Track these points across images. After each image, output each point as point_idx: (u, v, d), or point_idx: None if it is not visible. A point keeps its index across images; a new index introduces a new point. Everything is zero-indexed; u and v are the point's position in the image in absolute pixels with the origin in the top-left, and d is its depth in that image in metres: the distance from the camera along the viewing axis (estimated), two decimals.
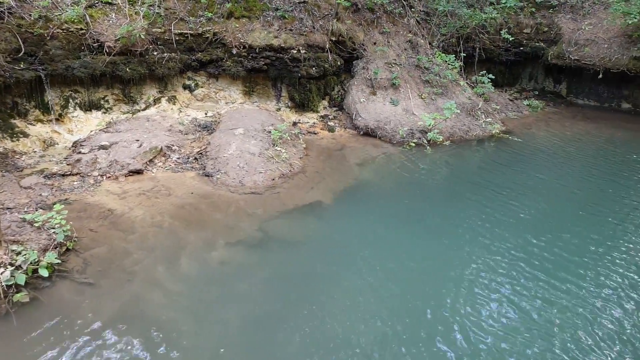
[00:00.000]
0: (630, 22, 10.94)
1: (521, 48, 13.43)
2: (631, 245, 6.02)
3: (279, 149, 8.25)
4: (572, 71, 13.22)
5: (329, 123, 10.61)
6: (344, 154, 9.19)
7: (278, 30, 10.14)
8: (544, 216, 6.79)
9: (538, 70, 14.27)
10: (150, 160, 7.74)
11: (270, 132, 8.61)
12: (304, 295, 4.91)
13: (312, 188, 7.48)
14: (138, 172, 7.38)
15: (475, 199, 7.34)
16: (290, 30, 10.24)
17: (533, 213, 6.85)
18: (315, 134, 10.08)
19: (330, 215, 6.73)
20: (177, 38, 9.40)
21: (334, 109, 11.17)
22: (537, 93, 13.97)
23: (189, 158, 8.10)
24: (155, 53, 9.22)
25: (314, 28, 10.48)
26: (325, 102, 11.19)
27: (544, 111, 12.63)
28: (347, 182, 7.86)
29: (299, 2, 10.57)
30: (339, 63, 10.80)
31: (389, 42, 11.49)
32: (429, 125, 9.65)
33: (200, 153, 8.18)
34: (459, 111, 10.19)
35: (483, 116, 10.75)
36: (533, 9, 13.38)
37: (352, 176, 8.16)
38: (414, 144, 9.51)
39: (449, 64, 11.44)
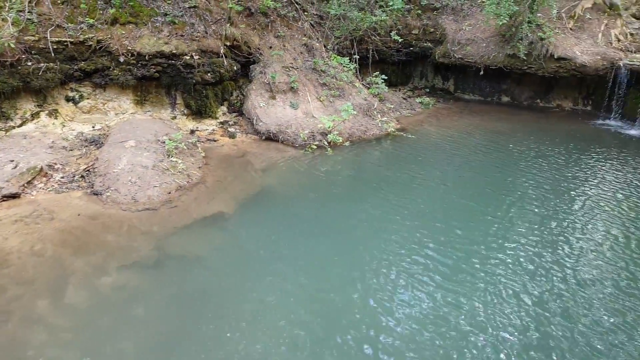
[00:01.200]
0: (501, 23, 11.90)
1: (411, 48, 14.10)
2: (522, 230, 6.54)
3: (175, 159, 7.90)
4: (458, 69, 14.15)
5: (229, 129, 10.38)
6: (247, 160, 9.04)
7: (168, 36, 9.72)
8: (441, 208, 7.15)
9: (428, 68, 15.10)
10: (29, 182, 7.03)
11: (164, 142, 8.22)
12: (207, 314, 4.71)
13: (213, 198, 7.25)
14: (14, 196, 6.67)
15: (377, 196, 7.57)
16: (182, 36, 9.86)
17: (431, 205, 7.20)
18: (215, 141, 9.81)
19: (234, 225, 6.56)
20: (55, 46, 8.64)
21: (234, 114, 10.96)
22: (428, 90, 14.77)
23: (74, 176, 7.48)
24: (29, 63, 8.41)
25: (207, 33, 10.19)
26: (224, 108, 10.93)
27: (435, 107, 13.37)
28: (251, 190, 7.73)
29: (189, 7, 10.22)
30: (235, 68, 10.60)
31: (284, 46, 11.50)
32: (329, 127, 9.79)
33: (88, 170, 7.60)
34: (355, 112, 10.45)
35: (379, 116, 11.13)
36: (419, 11, 14.11)
37: (256, 183, 8.04)
38: (315, 147, 9.60)
39: (344, 66, 11.70)
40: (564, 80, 12.95)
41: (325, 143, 9.69)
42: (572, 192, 7.76)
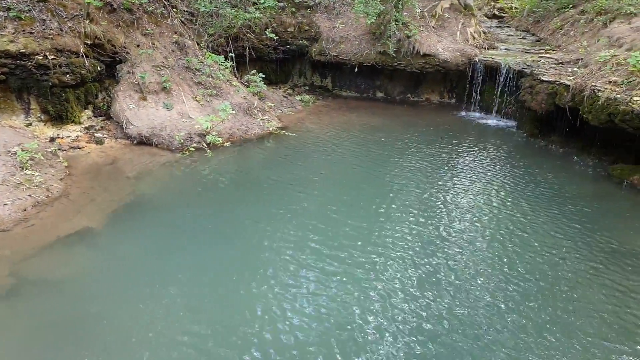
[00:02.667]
0: (369, 22, 12.40)
1: (288, 46, 14.13)
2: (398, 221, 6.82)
3: (30, 172, 7.01)
4: (334, 66, 14.47)
5: (96, 135, 9.51)
6: (117, 167, 8.36)
7: (14, 33, 8.60)
8: (324, 206, 7.21)
9: (306, 66, 15.25)
10: None
11: (16, 153, 7.26)
12: (71, 346, 4.21)
13: (79, 213, 6.57)
14: None
15: (262, 198, 7.43)
16: (31, 33, 8.79)
17: (315, 204, 7.23)
18: (79, 148, 8.92)
19: (104, 242, 6.00)
20: None
21: (101, 118, 10.07)
22: (307, 88, 14.94)
23: None
24: None
25: (62, 30, 9.21)
26: (89, 112, 9.99)
27: (315, 105, 13.56)
28: (123, 200, 7.15)
29: (37, 1, 9.14)
30: (99, 68, 9.73)
31: (154, 44, 10.82)
32: (207, 128, 9.41)
33: None
34: (234, 111, 10.19)
35: (260, 114, 10.98)
36: (293, 9, 14.19)
37: (128, 192, 7.45)
38: (193, 149, 9.17)
39: (220, 65, 11.35)
40: (430, 76, 13.89)
41: (204, 145, 9.31)
42: (444, 177, 8.32)
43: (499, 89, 11.84)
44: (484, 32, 14.81)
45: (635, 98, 7.60)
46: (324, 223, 6.58)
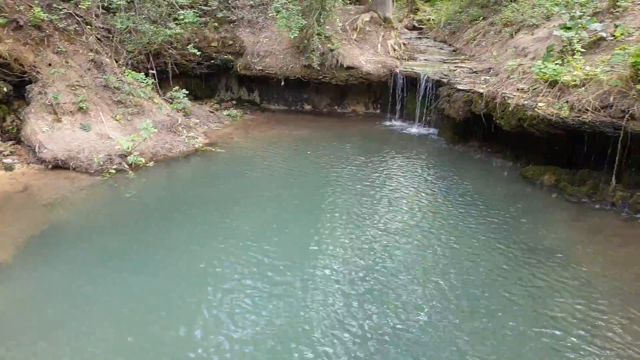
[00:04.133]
0: (292, 36, 12.52)
1: (212, 61, 13.96)
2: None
3: None
4: (261, 80, 14.45)
5: (4, 160, 8.86)
6: (30, 194, 7.84)
7: None
8: (255, 223, 7.13)
9: (232, 81, 15.11)
10: None
11: None
12: None
13: None
14: None
15: (188, 219, 7.21)
16: None
17: (244, 222, 7.13)
18: None
19: (14, 277, 5.57)
20: None
21: (10, 142, 9.41)
22: (235, 102, 14.79)
23: None
24: None
25: None
26: None
27: (243, 119, 13.44)
28: (36, 229, 6.70)
29: None
30: (5, 90, 9.14)
31: (68, 63, 10.29)
32: (128, 148, 9.05)
33: None
34: (156, 130, 9.89)
35: (185, 131, 10.73)
36: (216, 24, 14.05)
37: (42, 220, 7.01)
38: (114, 171, 8.78)
39: (141, 82, 10.98)
40: (355, 87, 14.19)
41: (126, 166, 8.93)
42: (373, 186, 8.50)
43: (420, 98, 12.33)
44: (404, 44, 15.40)
45: (540, 104, 8.17)
46: (257, 241, 6.49)
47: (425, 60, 14.53)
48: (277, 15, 12.59)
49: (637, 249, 6.44)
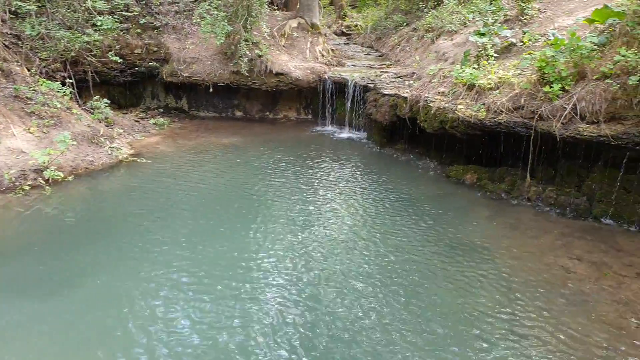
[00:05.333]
0: (219, 42, 12.34)
1: (136, 68, 13.47)
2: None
3: None
4: (189, 87, 14.13)
5: None
6: None
7: None
8: (182, 235, 6.91)
9: (158, 88, 14.65)
10: None
11: None
12: None
13: None
14: None
15: (110, 234, 6.87)
16: None
17: (171, 233, 6.90)
18: None
19: None
20: None
21: None
22: (162, 111, 14.34)
23: None
24: None
25: None
26: None
27: (170, 127, 13.06)
28: None
29: None
30: None
31: None
32: (44, 162, 8.50)
33: None
34: (75, 142, 9.37)
35: (108, 142, 10.24)
36: (139, 30, 13.57)
37: None
38: (29, 187, 8.21)
39: (57, 92, 10.37)
40: (286, 93, 14.23)
41: (42, 181, 8.38)
42: (306, 191, 8.52)
43: (349, 103, 12.56)
44: (332, 50, 15.63)
45: (459, 107, 8.57)
46: (187, 258, 6.29)
47: (353, 65, 14.82)
48: (201, 21, 12.32)
49: (547, 240, 6.89)
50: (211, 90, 13.59)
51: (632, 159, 6.99)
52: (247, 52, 12.84)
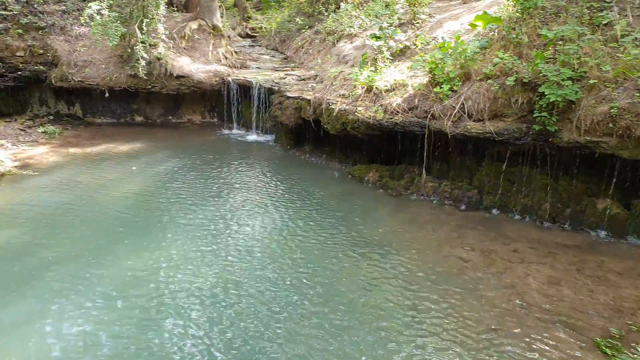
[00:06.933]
0: (111, 44, 11.66)
1: (19, 72, 12.36)
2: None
3: None
4: (82, 92, 13.21)
5: None
6: None
7: None
8: (76, 255, 6.43)
9: (47, 94, 13.52)
10: None
11: None
12: None
13: None
14: None
15: None
16: None
17: (63, 253, 6.38)
18: None
19: None
20: None
21: None
22: (53, 118, 13.24)
23: None
24: None
25: None
26: None
27: (63, 136, 12.12)
28: None
29: None
30: None
31: None
32: None
33: None
34: None
35: None
36: (20, 31, 12.43)
37: None
38: None
39: None
40: (189, 96, 13.80)
41: None
42: (213, 197, 8.29)
43: (255, 106, 12.45)
44: (236, 52, 15.43)
45: (359, 108, 8.83)
46: (78, 282, 5.87)
47: (257, 68, 14.73)
48: (91, 22, 11.56)
49: (444, 232, 7.32)
50: (107, 95, 12.82)
51: (514, 153, 7.64)
52: (145, 55, 12.26)
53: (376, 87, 8.76)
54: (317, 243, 6.90)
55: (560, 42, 7.07)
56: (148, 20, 12.25)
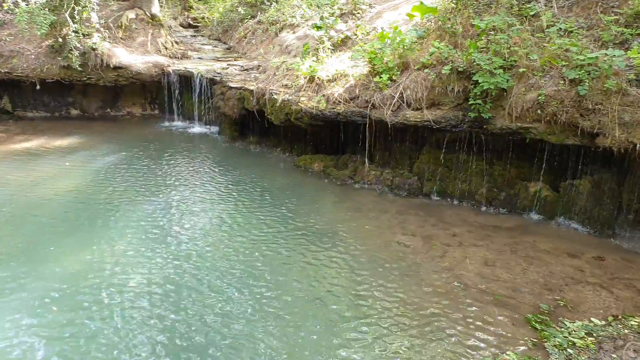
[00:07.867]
0: (40, 34, 11.05)
1: None
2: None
3: None
4: (10, 84, 12.47)
5: None
6: None
7: None
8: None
9: None
10: None
11: None
12: None
13: None
14: None
15: None
16: None
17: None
18: None
19: None
20: None
21: None
22: None
23: None
24: None
25: None
26: None
27: None
28: None
29: None
30: None
31: None
32: None
33: None
34: None
35: None
36: None
37: None
38: None
39: None
40: (128, 88, 13.33)
41: None
42: (158, 191, 8.06)
43: (196, 97, 12.19)
44: (177, 42, 15.01)
45: (302, 98, 8.83)
46: (17, 282, 5.56)
47: (199, 58, 14.41)
48: (16, 9, 10.89)
49: (386, 219, 7.47)
50: (38, 87, 12.18)
51: (451, 140, 7.89)
52: (78, 45, 11.70)
53: (318, 77, 8.78)
54: (264, 234, 6.86)
55: (492, 32, 7.35)
56: (80, 8, 11.68)
